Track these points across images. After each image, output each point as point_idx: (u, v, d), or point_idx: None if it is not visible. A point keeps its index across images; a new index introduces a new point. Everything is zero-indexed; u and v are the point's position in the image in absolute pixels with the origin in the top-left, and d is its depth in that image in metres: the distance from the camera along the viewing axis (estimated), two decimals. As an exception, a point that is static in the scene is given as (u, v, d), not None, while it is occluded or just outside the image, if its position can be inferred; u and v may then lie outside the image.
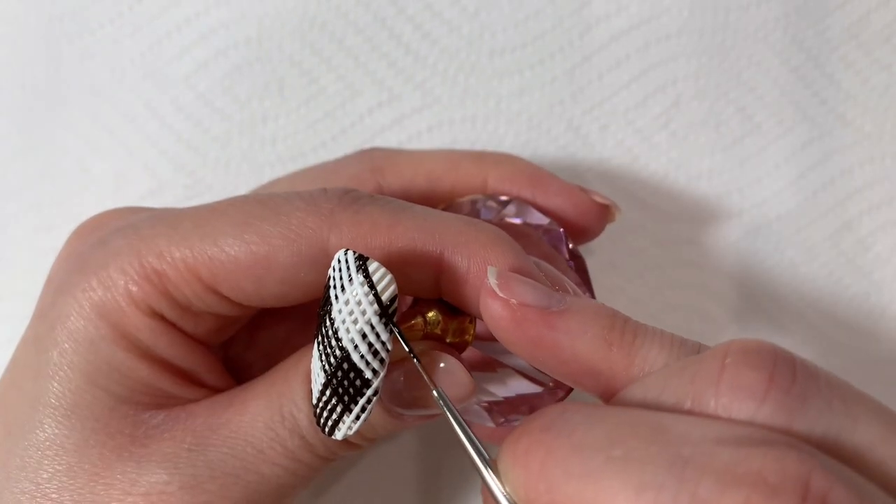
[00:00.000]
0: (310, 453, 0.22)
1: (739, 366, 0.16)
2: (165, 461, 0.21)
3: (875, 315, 0.33)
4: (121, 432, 0.21)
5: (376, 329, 0.19)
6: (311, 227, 0.21)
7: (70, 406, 0.21)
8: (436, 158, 0.27)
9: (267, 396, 0.22)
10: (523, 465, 0.17)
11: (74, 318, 0.21)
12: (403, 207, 0.21)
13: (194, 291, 0.22)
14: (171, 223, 0.22)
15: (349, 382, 0.19)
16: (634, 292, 0.33)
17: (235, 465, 0.21)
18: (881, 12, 0.34)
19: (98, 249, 0.22)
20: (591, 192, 0.28)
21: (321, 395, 0.20)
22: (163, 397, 0.22)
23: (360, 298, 0.19)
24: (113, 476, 0.21)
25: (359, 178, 0.26)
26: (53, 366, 0.21)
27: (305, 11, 0.34)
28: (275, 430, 0.21)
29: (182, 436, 0.21)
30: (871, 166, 0.34)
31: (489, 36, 0.34)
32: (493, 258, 0.21)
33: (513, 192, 0.27)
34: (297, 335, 0.27)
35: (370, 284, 0.19)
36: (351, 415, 0.19)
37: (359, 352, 0.19)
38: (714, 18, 0.34)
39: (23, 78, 0.34)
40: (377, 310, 0.19)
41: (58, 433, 0.21)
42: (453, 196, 0.27)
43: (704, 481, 0.14)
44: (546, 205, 0.27)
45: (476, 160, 0.27)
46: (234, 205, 0.22)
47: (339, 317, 0.19)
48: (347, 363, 0.19)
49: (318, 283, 0.21)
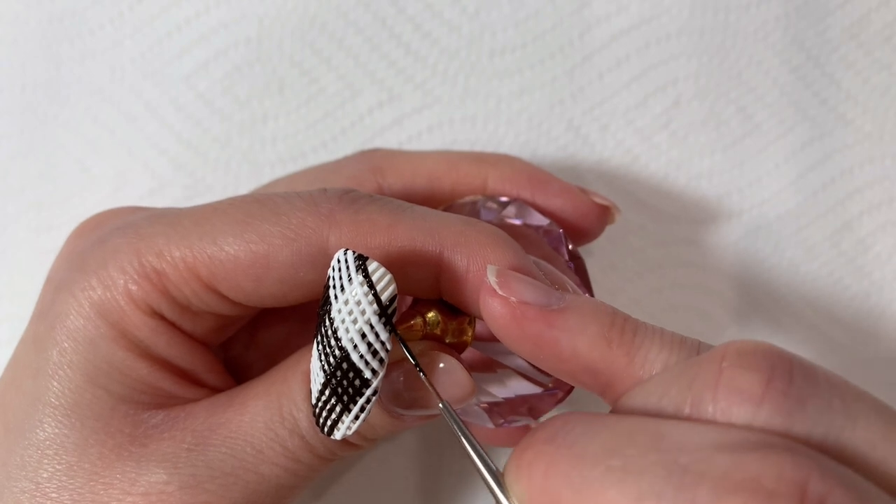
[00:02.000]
0: (309, 453, 0.22)
1: (736, 368, 0.16)
2: (165, 461, 0.21)
3: (875, 315, 0.33)
4: (120, 431, 0.21)
5: (375, 329, 0.19)
6: (311, 226, 0.21)
7: (70, 405, 0.21)
8: (436, 159, 0.27)
9: (266, 396, 0.22)
10: (527, 478, 0.17)
11: (74, 316, 0.21)
12: (403, 208, 0.21)
13: (193, 290, 0.22)
14: (170, 222, 0.22)
15: (348, 382, 0.19)
16: (634, 292, 0.33)
17: (235, 465, 0.21)
18: (881, 12, 0.34)
19: (97, 248, 0.22)
20: (591, 193, 0.28)
21: (320, 394, 0.20)
22: (162, 397, 0.22)
23: (360, 298, 0.19)
24: (112, 475, 0.21)
25: (358, 178, 0.26)
26: (53, 365, 0.21)
27: (305, 11, 0.34)
28: (274, 430, 0.21)
29: (182, 435, 0.21)
30: (871, 166, 0.34)
31: (489, 36, 0.34)
32: (492, 258, 0.21)
33: (512, 193, 0.27)
34: (297, 335, 0.27)
35: (370, 284, 0.19)
36: (350, 415, 0.19)
37: (358, 351, 0.19)
38: (714, 18, 0.34)
39: (23, 78, 0.34)
40: (376, 309, 0.19)
41: (57, 432, 0.21)
42: (453, 197, 0.27)
43: (702, 489, 0.14)
44: (546, 206, 0.27)
45: (475, 161, 0.27)
46: (233, 204, 0.22)
47: (338, 316, 0.19)
48: (347, 363, 0.19)
49: (318, 282, 0.21)
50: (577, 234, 0.27)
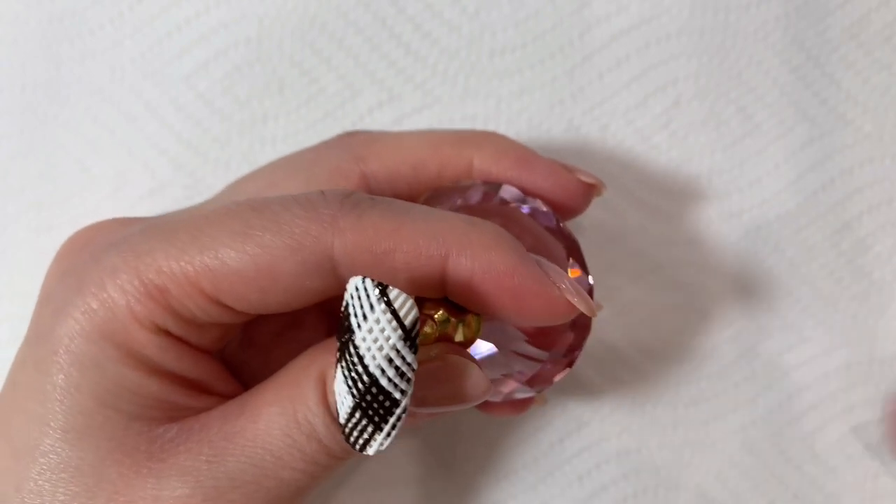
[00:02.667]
0: (326, 455, 0.22)
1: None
2: (186, 475, 0.21)
3: (875, 315, 0.33)
4: (137, 449, 0.21)
5: (402, 353, 0.19)
6: (314, 234, 0.21)
7: (82, 428, 0.21)
8: (418, 143, 0.27)
9: (280, 403, 0.21)
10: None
11: (78, 341, 0.21)
12: (405, 210, 0.21)
13: (198, 304, 0.21)
14: (165, 236, 0.22)
15: (378, 404, 0.20)
16: (634, 292, 0.33)
17: (255, 473, 0.21)
18: (881, 12, 0.34)
19: (92, 267, 0.22)
20: (576, 171, 0.27)
21: (350, 416, 0.20)
22: (175, 410, 0.22)
23: (384, 326, 0.19)
24: (134, 493, 0.21)
25: (342, 168, 0.26)
26: (60, 390, 0.21)
27: (305, 11, 0.34)
28: (292, 436, 0.21)
29: (198, 447, 0.21)
30: (871, 166, 0.34)
31: (489, 36, 0.34)
32: (496, 259, 0.21)
33: (498, 175, 0.27)
34: (288, 328, 0.27)
35: (392, 311, 0.19)
36: (382, 433, 0.20)
37: (386, 376, 0.19)
38: (714, 18, 0.34)
39: (23, 78, 0.34)
40: (401, 335, 0.19)
41: (72, 455, 0.21)
42: (440, 180, 0.27)
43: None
44: (532, 186, 0.27)
45: (459, 143, 0.27)
46: (228, 213, 0.22)
47: (363, 344, 0.19)
48: (376, 387, 0.19)
49: (323, 289, 0.21)
50: (563, 211, 0.27)
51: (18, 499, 0.21)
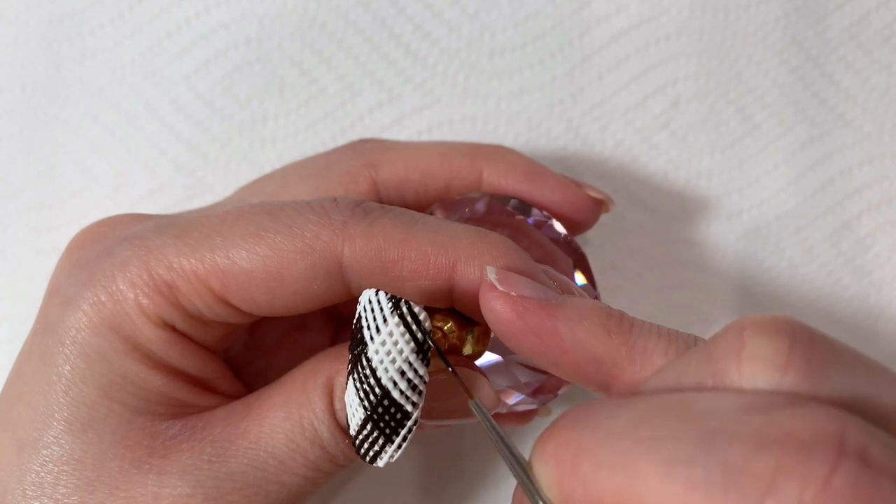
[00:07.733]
0: (329, 462, 0.22)
1: (758, 337, 0.16)
2: (187, 473, 0.21)
3: (875, 315, 0.33)
4: (139, 444, 0.21)
5: (414, 366, 0.19)
6: (325, 240, 0.21)
7: (86, 420, 0.21)
8: (429, 154, 0.27)
9: (285, 408, 0.22)
10: (555, 466, 0.16)
11: (85, 332, 0.21)
12: (415, 220, 0.22)
13: (205, 302, 0.22)
14: (178, 233, 0.22)
15: (390, 417, 0.20)
16: (634, 292, 0.33)
17: (257, 477, 0.21)
18: (881, 12, 0.34)
19: (104, 261, 0.22)
20: (585, 187, 0.28)
21: (361, 427, 0.20)
22: (178, 406, 0.22)
23: (397, 339, 0.19)
24: (134, 489, 0.21)
25: (353, 174, 0.26)
26: (66, 381, 0.21)
27: (305, 11, 0.34)
28: (296, 441, 0.21)
29: (201, 446, 0.21)
30: (870, 166, 0.34)
31: (489, 36, 0.34)
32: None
33: (508, 189, 0.27)
34: (293, 331, 0.27)
35: (405, 324, 0.19)
36: (393, 445, 0.20)
37: (398, 389, 0.19)
38: (714, 18, 0.34)
39: (23, 78, 0.34)
40: (414, 348, 0.19)
41: (74, 447, 0.21)
42: (448, 191, 0.27)
43: (734, 447, 0.14)
44: (542, 201, 0.27)
45: (470, 155, 0.27)
46: (242, 216, 0.22)
47: (375, 357, 0.19)
48: (388, 399, 0.20)
49: (329, 294, 0.21)
50: (571, 226, 0.28)
51: (20, 491, 0.21)
